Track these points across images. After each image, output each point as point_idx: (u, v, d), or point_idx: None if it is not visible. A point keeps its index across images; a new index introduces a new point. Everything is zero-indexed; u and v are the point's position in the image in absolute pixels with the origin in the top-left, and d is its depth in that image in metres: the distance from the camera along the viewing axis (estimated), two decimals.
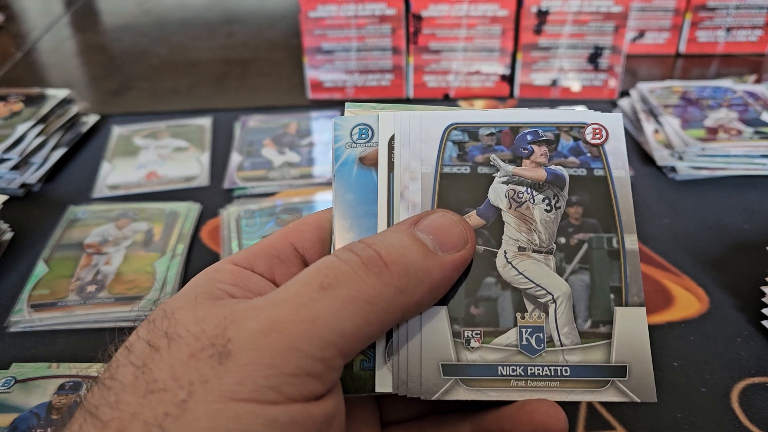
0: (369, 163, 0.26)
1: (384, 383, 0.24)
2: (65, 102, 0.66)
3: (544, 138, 0.26)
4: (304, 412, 0.19)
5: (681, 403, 0.37)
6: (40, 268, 0.49)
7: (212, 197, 0.57)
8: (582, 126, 0.26)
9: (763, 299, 0.43)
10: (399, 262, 0.22)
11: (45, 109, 0.63)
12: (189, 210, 0.55)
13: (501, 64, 0.72)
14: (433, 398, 0.24)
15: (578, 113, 0.27)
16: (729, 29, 0.79)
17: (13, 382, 0.39)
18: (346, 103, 0.28)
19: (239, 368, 0.19)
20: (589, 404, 0.38)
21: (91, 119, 0.69)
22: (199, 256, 0.50)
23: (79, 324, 0.44)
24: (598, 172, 0.26)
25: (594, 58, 0.71)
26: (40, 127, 0.62)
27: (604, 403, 0.37)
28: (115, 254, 0.50)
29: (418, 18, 0.70)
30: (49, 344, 0.43)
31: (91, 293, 0.46)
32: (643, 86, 0.68)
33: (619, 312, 0.24)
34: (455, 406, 0.26)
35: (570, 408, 0.37)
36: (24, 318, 0.44)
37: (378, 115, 0.27)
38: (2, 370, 0.40)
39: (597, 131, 0.26)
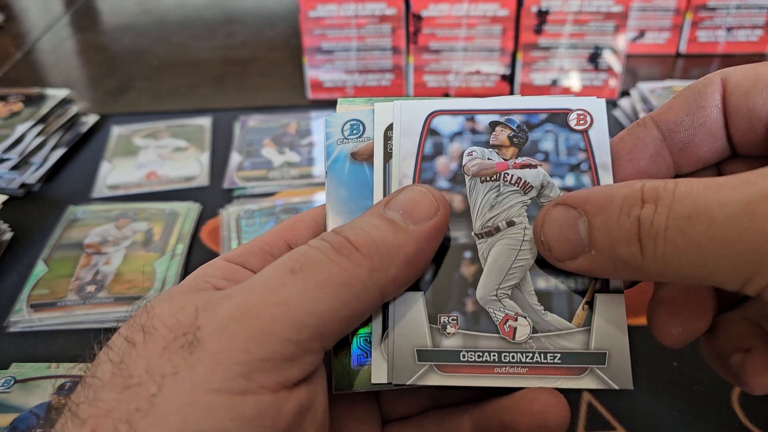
0: (362, 157, 0.26)
1: (380, 374, 0.24)
2: (65, 102, 0.66)
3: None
4: (274, 405, 0.19)
5: (680, 403, 0.37)
6: (40, 268, 0.49)
7: (212, 197, 0.57)
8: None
9: None
10: (368, 243, 0.22)
11: (45, 109, 0.63)
12: (189, 210, 0.55)
13: (501, 64, 0.72)
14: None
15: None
16: (729, 29, 0.79)
17: (12, 382, 0.39)
18: (339, 100, 0.28)
19: (210, 356, 0.19)
20: (590, 404, 0.38)
21: (91, 119, 0.69)
22: (198, 257, 0.50)
23: (79, 324, 0.44)
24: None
25: (594, 58, 0.71)
26: (39, 127, 0.62)
27: (602, 402, 0.37)
28: (114, 254, 0.50)
29: (418, 18, 0.70)
30: (48, 344, 0.43)
31: (91, 293, 0.46)
32: (644, 86, 0.68)
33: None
34: (455, 401, 0.26)
35: (570, 408, 0.37)
36: (24, 318, 0.44)
37: (374, 106, 0.27)
38: (2, 370, 0.40)
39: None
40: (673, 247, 0.19)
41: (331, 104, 0.73)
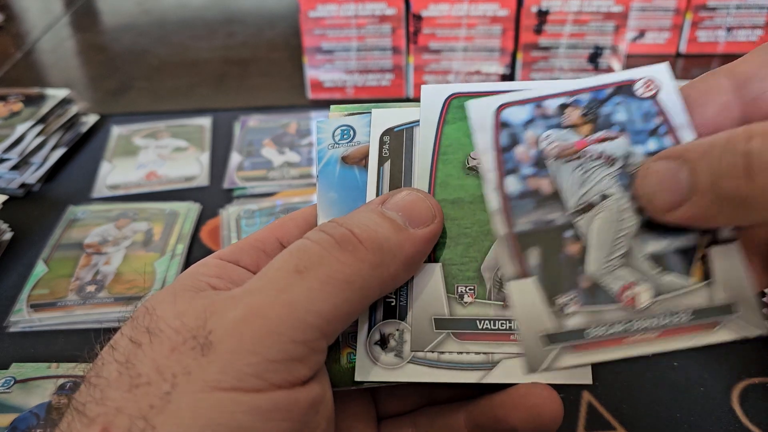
0: (352, 161, 0.27)
1: (365, 372, 0.24)
2: (65, 102, 0.66)
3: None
4: (288, 398, 0.19)
5: (681, 403, 0.37)
6: (40, 268, 0.49)
7: (212, 197, 0.57)
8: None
9: (764, 299, 0.42)
10: (372, 238, 0.22)
11: (45, 109, 0.63)
12: (189, 210, 0.55)
13: (501, 64, 0.72)
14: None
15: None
16: (729, 29, 0.79)
17: (12, 382, 0.39)
18: (331, 106, 0.28)
19: (221, 357, 0.19)
20: (589, 404, 0.38)
21: (91, 119, 0.69)
22: (198, 257, 0.50)
23: (79, 324, 0.44)
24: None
25: (594, 58, 0.71)
26: (39, 127, 0.62)
27: (602, 403, 0.37)
28: (114, 254, 0.50)
29: (418, 18, 0.70)
30: (48, 344, 0.43)
31: (91, 293, 0.46)
32: None
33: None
34: (450, 397, 0.26)
35: (570, 408, 0.37)
36: (24, 318, 0.44)
37: (366, 112, 0.27)
38: (2, 370, 0.40)
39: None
40: None
41: (331, 104, 0.73)
